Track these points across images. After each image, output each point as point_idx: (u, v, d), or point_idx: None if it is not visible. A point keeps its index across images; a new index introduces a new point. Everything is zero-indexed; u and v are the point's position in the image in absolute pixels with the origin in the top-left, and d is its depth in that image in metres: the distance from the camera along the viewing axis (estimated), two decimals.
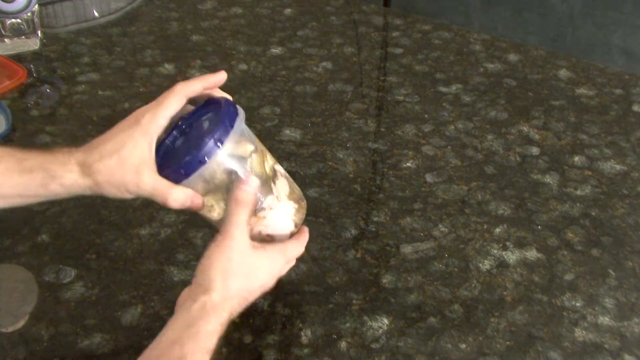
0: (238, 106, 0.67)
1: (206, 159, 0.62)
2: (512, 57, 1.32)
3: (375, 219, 0.94)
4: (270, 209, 0.68)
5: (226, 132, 0.62)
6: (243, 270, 0.63)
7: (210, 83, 0.67)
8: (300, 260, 0.86)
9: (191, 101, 0.67)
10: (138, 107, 0.66)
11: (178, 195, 0.64)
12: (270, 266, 0.66)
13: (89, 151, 0.63)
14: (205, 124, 0.65)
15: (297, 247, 0.71)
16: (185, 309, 0.61)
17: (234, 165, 0.64)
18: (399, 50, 1.34)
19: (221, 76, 0.67)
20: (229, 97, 0.69)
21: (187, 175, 0.63)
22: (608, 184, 1.01)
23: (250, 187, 0.64)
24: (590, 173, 1.03)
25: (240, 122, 0.65)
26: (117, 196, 0.64)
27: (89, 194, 0.65)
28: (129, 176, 0.62)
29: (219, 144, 0.62)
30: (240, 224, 0.63)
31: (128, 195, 0.64)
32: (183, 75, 1.25)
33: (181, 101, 0.65)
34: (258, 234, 0.69)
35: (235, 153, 0.64)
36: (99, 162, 0.62)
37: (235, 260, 0.63)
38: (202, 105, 0.68)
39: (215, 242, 0.64)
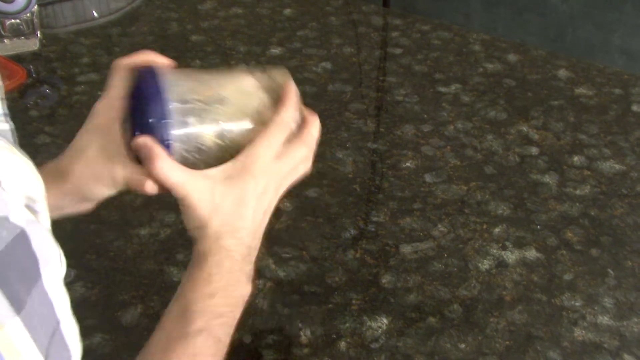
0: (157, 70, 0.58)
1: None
2: (512, 57, 1.33)
3: (375, 219, 0.94)
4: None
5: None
6: (208, 210, 0.56)
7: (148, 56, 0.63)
8: (299, 259, 0.86)
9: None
10: None
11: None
12: (242, 187, 0.57)
13: (59, 160, 0.61)
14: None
15: (265, 142, 0.57)
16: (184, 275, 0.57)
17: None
18: (398, 51, 1.35)
19: (163, 60, 0.62)
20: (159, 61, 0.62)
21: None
22: (607, 184, 1.01)
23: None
24: (589, 173, 1.03)
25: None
26: (97, 195, 0.60)
27: (67, 205, 0.61)
28: (102, 172, 0.59)
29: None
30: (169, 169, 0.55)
31: (108, 192, 0.60)
32: None
33: (125, 75, 0.61)
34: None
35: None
36: (67, 167, 0.59)
37: (198, 207, 0.56)
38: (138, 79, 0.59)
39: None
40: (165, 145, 0.54)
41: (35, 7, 1.30)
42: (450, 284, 0.84)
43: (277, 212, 0.95)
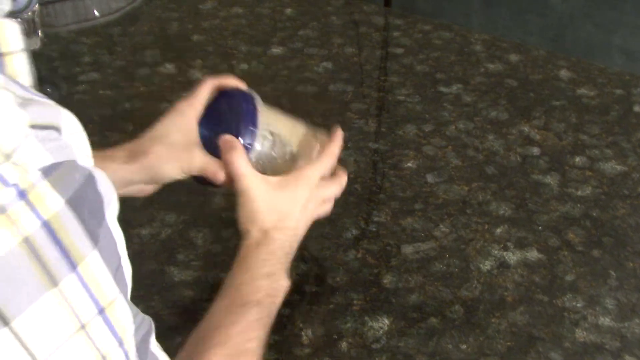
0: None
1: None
2: (513, 57, 1.32)
3: (376, 219, 0.94)
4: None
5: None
6: (263, 206, 0.67)
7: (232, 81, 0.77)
8: (300, 259, 0.86)
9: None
10: (139, 107, 0.68)
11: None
12: (293, 195, 0.69)
13: (137, 142, 0.71)
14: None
15: (315, 170, 0.72)
16: (237, 257, 0.67)
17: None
18: (399, 50, 1.34)
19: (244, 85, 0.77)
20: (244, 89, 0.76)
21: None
22: (609, 185, 1.01)
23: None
24: (591, 173, 1.03)
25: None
26: (168, 175, 0.70)
27: (137, 180, 0.70)
28: (181, 155, 0.70)
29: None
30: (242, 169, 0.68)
31: (178, 175, 0.70)
32: (184, 75, 1.25)
33: (210, 91, 0.75)
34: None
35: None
36: (148, 148, 0.69)
37: (257, 201, 0.67)
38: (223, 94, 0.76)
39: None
40: (246, 147, 0.69)
41: (37, 6, 1.29)
42: (452, 284, 0.84)
43: None
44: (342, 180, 0.75)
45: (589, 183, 1.01)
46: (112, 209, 0.40)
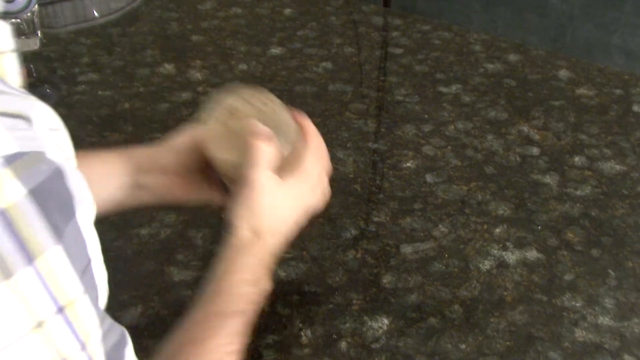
0: None
1: None
2: (512, 57, 1.32)
3: (375, 219, 0.94)
4: None
5: None
6: (266, 206, 0.64)
7: None
8: (299, 259, 0.86)
9: None
10: (138, 108, 0.68)
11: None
12: (295, 195, 0.67)
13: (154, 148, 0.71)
14: None
15: (311, 159, 0.68)
16: (220, 256, 0.63)
17: None
18: (398, 51, 1.34)
19: None
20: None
21: None
22: (608, 184, 1.01)
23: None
24: (590, 173, 1.03)
25: None
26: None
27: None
28: (199, 184, 0.71)
29: None
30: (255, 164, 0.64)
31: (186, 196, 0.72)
32: (183, 75, 1.25)
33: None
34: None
35: None
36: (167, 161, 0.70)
37: (262, 197, 0.64)
38: None
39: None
40: None
41: (36, 6, 1.29)
42: (451, 284, 0.84)
43: None
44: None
45: (588, 183, 1.01)
46: (84, 209, 0.38)
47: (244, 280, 0.60)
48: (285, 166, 0.68)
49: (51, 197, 0.35)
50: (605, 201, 0.98)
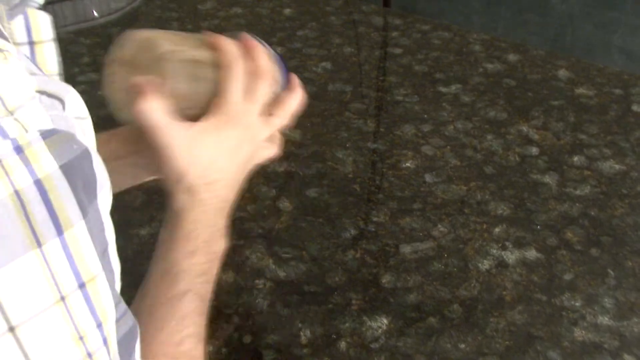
0: None
1: None
2: (512, 57, 1.33)
3: (375, 219, 0.94)
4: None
5: None
6: (184, 158, 0.56)
7: None
8: (299, 259, 0.86)
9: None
10: None
11: None
12: (216, 139, 0.58)
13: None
14: None
15: (232, 88, 0.58)
16: (162, 230, 0.58)
17: None
18: (398, 51, 1.35)
19: None
20: None
21: None
22: (607, 184, 1.01)
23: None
24: (589, 173, 1.03)
25: None
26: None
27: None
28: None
29: None
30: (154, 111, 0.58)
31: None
32: None
33: None
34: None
35: None
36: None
37: (176, 153, 0.56)
38: None
39: None
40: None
41: None
42: (450, 284, 0.84)
43: (277, 212, 0.95)
44: (290, 101, 0.63)
45: (588, 182, 1.01)
46: (104, 195, 0.39)
47: (186, 253, 0.55)
48: (205, 108, 0.58)
49: (79, 176, 0.36)
50: (604, 201, 0.98)
